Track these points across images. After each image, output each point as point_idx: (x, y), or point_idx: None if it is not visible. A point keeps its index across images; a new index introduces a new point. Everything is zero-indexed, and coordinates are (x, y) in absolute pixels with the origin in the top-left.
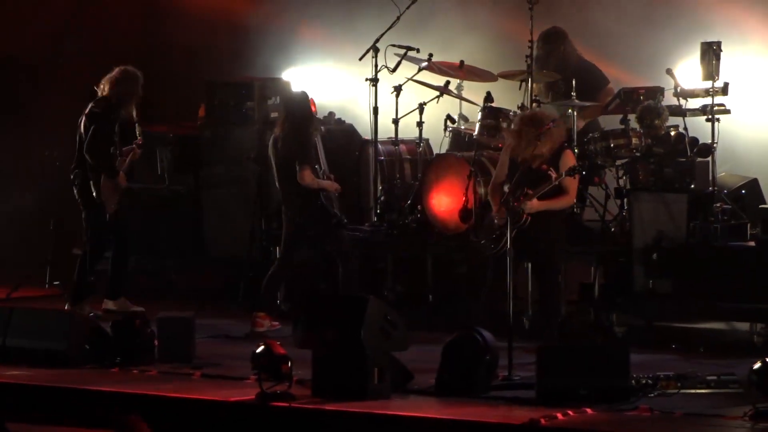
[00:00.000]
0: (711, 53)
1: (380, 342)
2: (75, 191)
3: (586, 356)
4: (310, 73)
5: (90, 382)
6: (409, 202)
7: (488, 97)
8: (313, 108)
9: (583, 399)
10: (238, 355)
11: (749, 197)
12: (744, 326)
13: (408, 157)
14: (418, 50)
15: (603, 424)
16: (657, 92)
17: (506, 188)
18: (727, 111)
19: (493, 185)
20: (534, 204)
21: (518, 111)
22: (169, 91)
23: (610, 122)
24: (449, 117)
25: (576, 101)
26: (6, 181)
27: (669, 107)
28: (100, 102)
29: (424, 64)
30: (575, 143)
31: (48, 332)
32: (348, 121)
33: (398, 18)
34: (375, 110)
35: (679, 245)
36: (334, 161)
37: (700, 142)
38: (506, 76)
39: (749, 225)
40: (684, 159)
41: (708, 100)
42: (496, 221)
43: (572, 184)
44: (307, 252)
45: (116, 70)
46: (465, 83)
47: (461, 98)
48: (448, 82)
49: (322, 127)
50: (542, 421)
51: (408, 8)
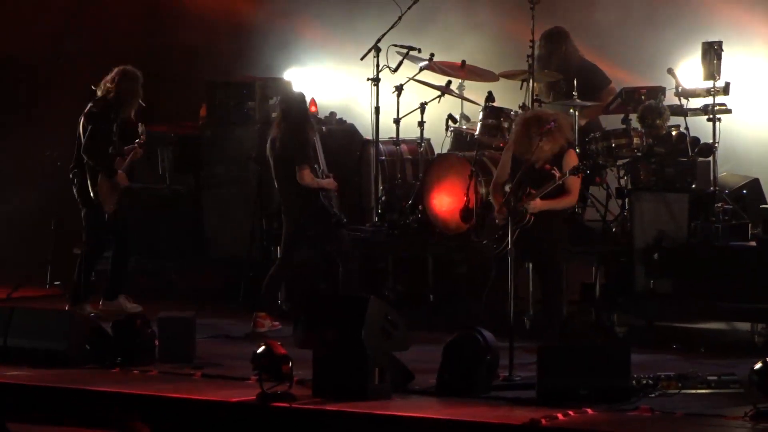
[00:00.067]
0: (712, 53)
1: (381, 342)
2: (74, 191)
3: (587, 356)
4: (312, 73)
5: (90, 383)
6: (410, 202)
7: (489, 97)
8: (315, 108)
9: (584, 399)
10: (239, 356)
11: (750, 197)
12: (745, 326)
13: (409, 157)
14: (420, 50)
15: (603, 425)
16: (658, 92)
17: (507, 188)
18: (729, 111)
19: (495, 185)
20: (537, 204)
21: (519, 111)
22: (170, 91)
23: (612, 122)
24: (451, 117)
25: (577, 101)
26: (6, 181)
27: (670, 107)
28: (99, 102)
29: (425, 64)
30: (576, 143)
31: (48, 332)
32: (349, 121)
33: (400, 18)
34: (376, 110)
35: (680, 245)
36: (336, 161)
37: (702, 142)
38: (508, 76)
39: (750, 225)
40: (685, 159)
41: (709, 100)
42: (498, 221)
43: (575, 184)
44: (308, 252)
45: (115, 71)
46: (466, 83)
47: (462, 98)
48: (450, 82)
49: (323, 127)
50: (543, 422)
51: (409, 8)
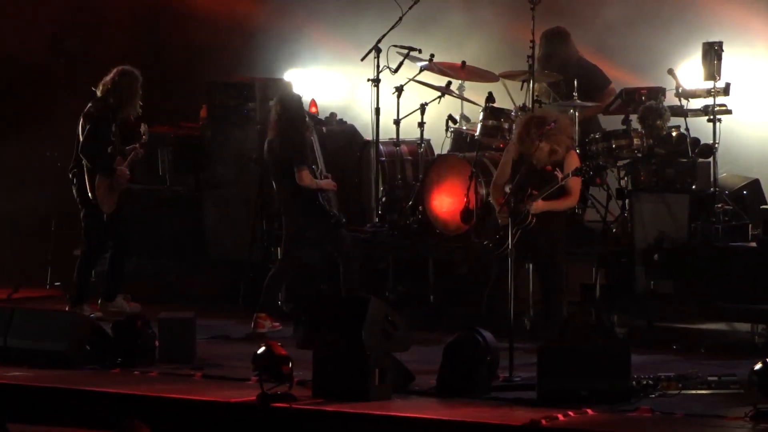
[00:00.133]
0: (712, 53)
1: (381, 343)
2: (74, 191)
3: (587, 357)
4: (312, 74)
5: (91, 383)
6: (411, 203)
7: (490, 98)
8: (315, 109)
9: (584, 400)
10: (239, 356)
11: (750, 198)
12: (745, 327)
13: (409, 158)
14: (420, 51)
15: (604, 425)
16: (659, 93)
17: (507, 189)
18: (729, 111)
19: (495, 186)
20: (539, 205)
21: (520, 111)
22: (170, 92)
23: (612, 123)
24: (451, 117)
25: (577, 101)
26: (6, 182)
27: (670, 108)
28: (98, 102)
29: (425, 65)
30: (577, 144)
31: (49, 333)
32: (349, 122)
33: (400, 19)
34: (377, 111)
35: (681, 246)
36: (336, 162)
37: (702, 143)
38: (508, 77)
39: (750, 226)
40: (685, 159)
41: (709, 101)
42: (501, 221)
43: (576, 185)
44: (308, 252)
45: (114, 71)
46: (466, 84)
47: (463, 99)
48: (450, 83)
49: (323, 128)
50: (543, 422)
51: (410, 8)
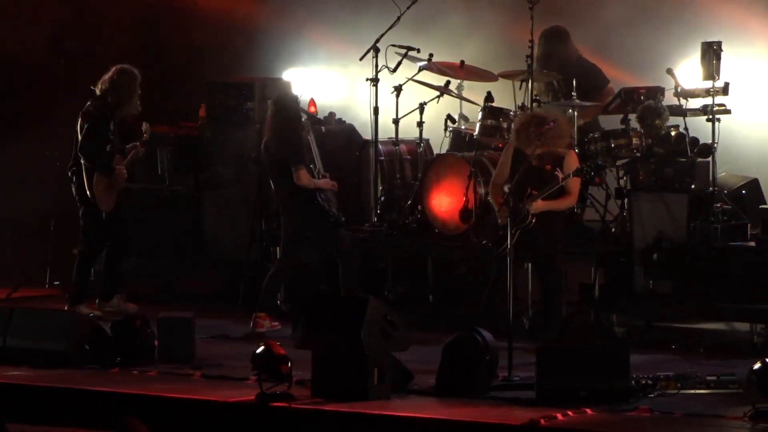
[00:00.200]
0: (711, 53)
1: (380, 342)
2: (73, 189)
3: (586, 357)
4: (311, 74)
5: (90, 383)
6: (410, 203)
7: (488, 97)
8: (314, 108)
9: (583, 399)
10: (238, 356)
11: (749, 197)
12: (744, 327)
13: (408, 158)
14: (419, 50)
15: (603, 425)
16: (657, 92)
17: (506, 188)
18: (728, 111)
19: (494, 185)
20: (538, 205)
21: (519, 111)
22: (170, 92)
23: (611, 122)
24: (450, 117)
25: (576, 101)
26: (6, 182)
27: (669, 107)
28: (96, 101)
29: (424, 64)
30: (576, 143)
31: (48, 332)
32: (348, 121)
33: (399, 18)
34: (375, 110)
35: (680, 245)
36: (335, 161)
37: (701, 142)
38: (507, 76)
39: (749, 225)
40: (684, 159)
41: (708, 100)
42: (500, 221)
43: (575, 185)
44: (307, 252)
45: (113, 69)
46: (465, 83)
47: (462, 98)
48: (449, 82)
49: (322, 128)
50: (542, 422)
51: (408, 8)
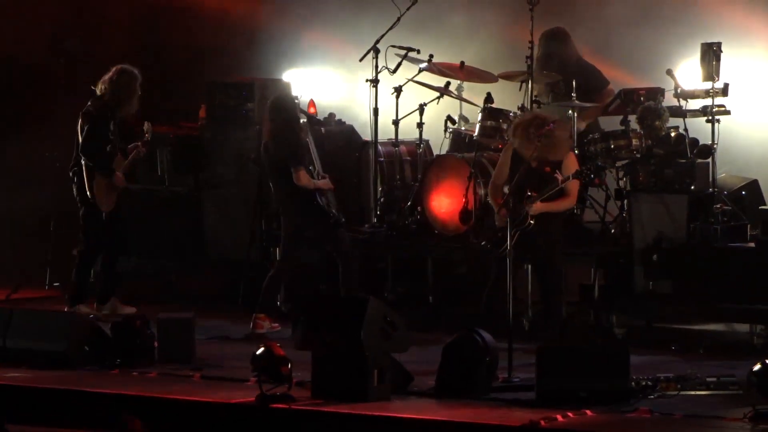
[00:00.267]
0: (711, 54)
1: (380, 343)
2: (74, 190)
3: (586, 357)
4: (311, 74)
5: (90, 384)
6: (409, 204)
7: (488, 98)
8: (314, 109)
9: (583, 400)
10: (238, 357)
11: (749, 198)
12: (744, 327)
13: (408, 158)
14: (419, 51)
15: (603, 426)
16: (657, 93)
17: (506, 189)
18: (727, 112)
19: (493, 186)
20: (538, 206)
21: (518, 112)
22: (170, 92)
23: (611, 123)
24: (449, 118)
25: (576, 102)
26: (6, 182)
27: (669, 108)
28: (96, 101)
29: (424, 65)
30: (575, 144)
31: (48, 333)
32: (348, 122)
33: (398, 19)
34: (375, 111)
35: (679, 246)
36: (334, 162)
37: (701, 143)
38: (506, 77)
39: (749, 226)
40: (684, 160)
41: (708, 101)
42: (498, 223)
43: (574, 187)
44: (307, 253)
45: (113, 69)
46: (465, 84)
47: (461, 99)
48: (449, 83)
49: (322, 128)
50: (542, 423)
51: (408, 9)
